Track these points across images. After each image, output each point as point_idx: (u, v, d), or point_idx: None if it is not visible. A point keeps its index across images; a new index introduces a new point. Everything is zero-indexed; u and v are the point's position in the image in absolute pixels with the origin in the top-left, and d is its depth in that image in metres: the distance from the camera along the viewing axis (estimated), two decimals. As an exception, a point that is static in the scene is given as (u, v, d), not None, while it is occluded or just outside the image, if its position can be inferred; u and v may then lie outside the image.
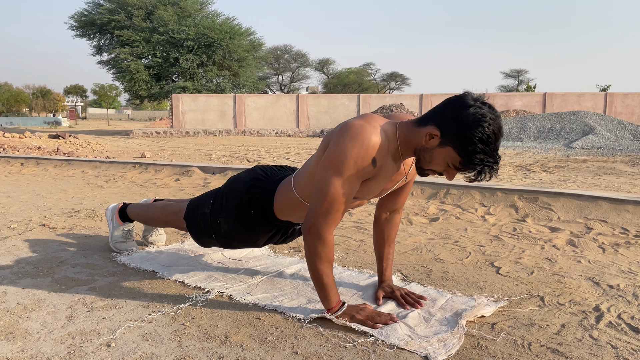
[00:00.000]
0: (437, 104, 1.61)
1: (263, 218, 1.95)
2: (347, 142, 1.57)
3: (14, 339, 1.59)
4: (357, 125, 1.59)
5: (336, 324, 1.67)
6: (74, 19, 27.78)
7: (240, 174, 2.09)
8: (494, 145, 1.49)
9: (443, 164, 1.57)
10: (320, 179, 1.63)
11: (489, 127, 1.47)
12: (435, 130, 1.53)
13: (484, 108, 1.49)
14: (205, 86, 27.58)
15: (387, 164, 1.65)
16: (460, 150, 1.50)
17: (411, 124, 1.62)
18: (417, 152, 1.61)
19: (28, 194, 4.51)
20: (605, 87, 44.24)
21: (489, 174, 1.52)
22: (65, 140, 14.92)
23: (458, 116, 1.50)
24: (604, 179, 6.53)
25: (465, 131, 1.48)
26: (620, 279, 2.18)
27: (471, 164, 1.51)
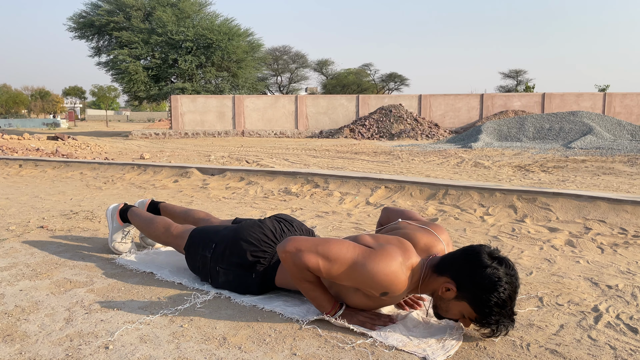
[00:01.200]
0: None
1: (261, 283, 1.96)
2: (379, 264, 1.58)
3: (12, 341, 1.59)
4: (396, 261, 1.59)
5: (335, 326, 1.67)
6: (73, 20, 27.76)
7: (248, 228, 2.04)
8: (509, 308, 1.52)
9: (459, 315, 1.60)
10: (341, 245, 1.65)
11: (505, 291, 1.50)
12: (451, 285, 1.56)
13: (500, 269, 1.51)
14: (204, 87, 27.56)
15: (396, 297, 1.67)
16: (476, 309, 1.53)
17: (432, 269, 1.63)
18: (435, 299, 1.64)
19: (26, 196, 4.50)
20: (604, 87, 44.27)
21: (504, 331, 1.55)
22: (64, 141, 14.91)
23: (474, 276, 1.52)
24: (602, 179, 6.54)
25: (481, 294, 1.50)
26: (619, 279, 2.18)
27: (487, 324, 1.54)
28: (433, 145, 14.93)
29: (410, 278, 1.62)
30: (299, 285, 1.72)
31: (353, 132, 20.64)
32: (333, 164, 9.04)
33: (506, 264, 1.53)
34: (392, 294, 1.62)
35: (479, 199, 3.77)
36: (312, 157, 10.74)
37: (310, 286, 1.71)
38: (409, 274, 1.62)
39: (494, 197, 3.72)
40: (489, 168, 8.09)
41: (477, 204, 3.70)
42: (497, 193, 3.75)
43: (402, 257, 1.62)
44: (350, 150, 12.79)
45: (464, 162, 9.15)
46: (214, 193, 4.70)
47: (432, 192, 4.05)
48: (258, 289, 1.97)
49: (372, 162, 9.44)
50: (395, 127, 20.23)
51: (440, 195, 3.97)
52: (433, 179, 4.95)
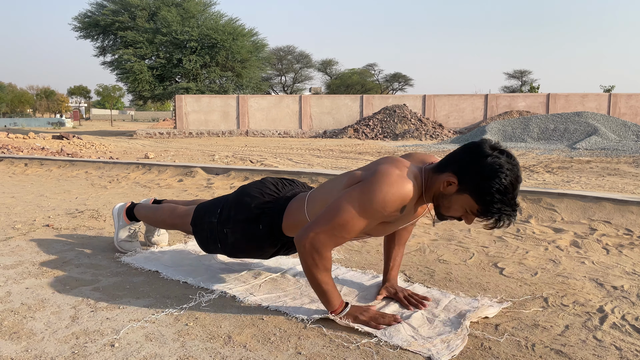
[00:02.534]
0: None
1: (270, 233, 1.95)
2: (383, 187, 1.58)
3: (18, 338, 1.59)
4: (395, 174, 1.60)
5: (339, 325, 1.67)
6: (78, 20, 27.85)
7: (250, 186, 2.08)
8: (511, 195, 1.51)
9: (461, 210, 1.59)
10: (340, 202, 1.64)
11: (506, 177, 1.49)
12: (452, 178, 1.56)
13: (502, 157, 1.50)
14: (209, 87, 27.61)
15: (411, 210, 1.67)
16: (478, 199, 1.52)
17: (431, 170, 1.64)
18: (436, 198, 1.64)
19: (32, 195, 4.53)
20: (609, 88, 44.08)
21: (507, 222, 1.54)
22: (68, 140, 14.96)
23: (475, 165, 1.52)
24: (607, 179, 6.51)
25: (483, 182, 1.50)
26: (625, 280, 2.17)
27: (489, 213, 1.53)
28: (437, 145, 14.91)
29: (414, 183, 1.61)
30: (314, 277, 1.69)
31: (357, 132, 20.63)
32: (337, 164, 9.04)
33: (507, 154, 1.53)
34: (409, 204, 1.62)
35: (483, 199, 3.76)
36: (315, 157, 10.75)
37: (325, 278, 1.69)
38: (412, 178, 1.61)
39: (498, 198, 3.71)
40: (494, 168, 8.05)
41: (482, 205, 3.70)
42: (502, 193, 3.74)
43: (398, 169, 1.62)
44: (354, 151, 12.79)
45: (468, 162, 9.11)
46: (219, 192, 4.71)
47: (436, 192, 4.04)
48: (268, 241, 1.96)
49: (376, 162, 9.42)
50: (399, 128, 20.21)
51: (444, 196, 3.96)
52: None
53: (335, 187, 1.77)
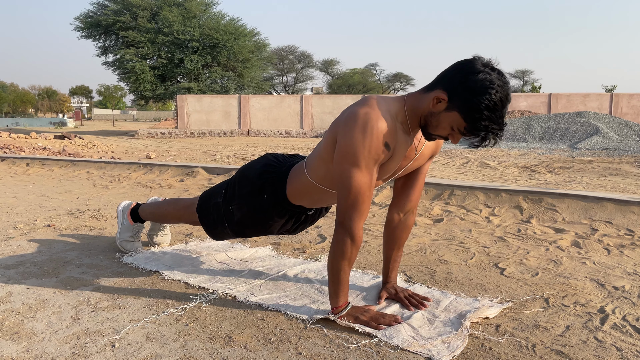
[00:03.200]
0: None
1: (276, 202, 1.95)
2: (356, 134, 1.58)
3: (19, 339, 1.60)
4: (362, 114, 1.59)
5: (340, 325, 1.67)
6: (80, 20, 27.89)
7: (251, 162, 2.10)
8: (500, 113, 1.49)
9: (448, 128, 1.57)
10: (339, 174, 1.65)
11: (496, 94, 1.47)
12: (442, 94, 1.54)
13: (493, 74, 1.48)
14: (210, 87, 27.63)
15: (399, 141, 1.65)
16: (466, 115, 1.51)
17: (418, 92, 1.64)
18: (425, 117, 1.61)
19: (33, 195, 4.53)
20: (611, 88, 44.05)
21: (492, 140, 1.53)
22: (70, 140, 14.98)
23: (466, 81, 1.49)
24: (609, 180, 6.51)
25: (472, 97, 1.48)
26: (626, 281, 2.17)
27: (476, 130, 1.52)
28: (439, 145, 14.87)
29: (390, 117, 1.60)
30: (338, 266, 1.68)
31: (358, 132, 20.61)
32: (338, 163, 9.02)
33: (499, 72, 1.51)
34: (391, 137, 1.60)
35: (484, 199, 3.76)
36: (317, 157, 10.74)
37: (346, 268, 1.69)
38: (385, 114, 1.59)
39: (499, 198, 3.71)
40: (495, 168, 8.06)
41: (483, 205, 3.69)
42: (503, 193, 3.74)
43: (368, 106, 1.61)
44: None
45: (470, 162, 9.12)
46: (220, 192, 4.71)
47: (437, 192, 4.04)
48: (275, 210, 1.96)
49: (378, 162, 9.42)
50: (401, 127, 20.20)
51: (445, 196, 3.96)
52: (438, 179, 4.94)
53: (322, 141, 1.79)
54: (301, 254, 2.60)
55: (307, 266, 2.34)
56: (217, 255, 2.51)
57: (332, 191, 1.86)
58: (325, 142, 1.74)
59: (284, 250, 2.68)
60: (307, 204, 1.97)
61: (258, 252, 2.58)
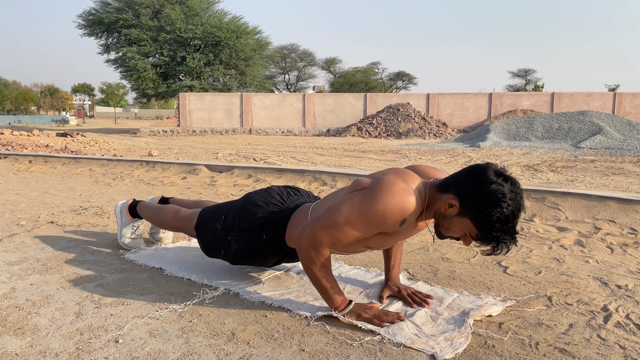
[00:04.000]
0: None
1: (273, 243, 1.97)
2: (385, 197, 1.57)
3: (23, 334, 1.60)
4: (399, 186, 1.59)
5: (343, 322, 1.68)
6: (82, 17, 27.91)
7: (255, 194, 2.08)
8: (512, 224, 1.50)
9: (460, 232, 1.59)
10: (341, 205, 1.65)
11: (508, 207, 1.48)
12: (454, 200, 1.55)
13: (505, 186, 1.49)
14: (212, 85, 27.64)
15: (411, 224, 1.67)
16: (478, 224, 1.52)
17: (435, 188, 1.63)
18: (437, 217, 1.63)
19: (36, 192, 4.54)
20: (614, 87, 43.93)
21: (505, 250, 1.54)
22: (73, 138, 15.00)
23: (478, 191, 1.50)
24: (612, 179, 6.49)
25: (484, 209, 1.49)
26: (629, 279, 2.17)
27: (487, 240, 1.53)
28: (441, 144, 14.88)
29: (417, 197, 1.60)
30: (313, 274, 1.71)
31: (360, 131, 20.61)
32: (340, 162, 9.03)
33: (512, 182, 1.51)
34: (410, 218, 1.60)
35: (487, 198, 3.76)
36: (319, 155, 10.74)
37: (324, 273, 1.70)
38: (416, 193, 1.60)
39: (502, 196, 3.71)
40: (497, 167, 8.04)
41: (486, 203, 3.69)
42: (506, 192, 3.73)
43: (404, 181, 1.61)
44: (358, 149, 12.78)
45: (472, 161, 9.11)
46: (222, 190, 4.71)
47: (440, 190, 4.04)
48: (270, 251, 1.97)
49: (380, 160, 9.43)
50: (403, 126, 20.18)
51: (448, 194, 3.95)
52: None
53: (339, 195, 1.78)
54: (304, 252, 2.59)
55: (310, 263, 2.33)
56: (219, 253, 2.50)
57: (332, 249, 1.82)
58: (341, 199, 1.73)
59: (287, 247, 2.68)
60: None
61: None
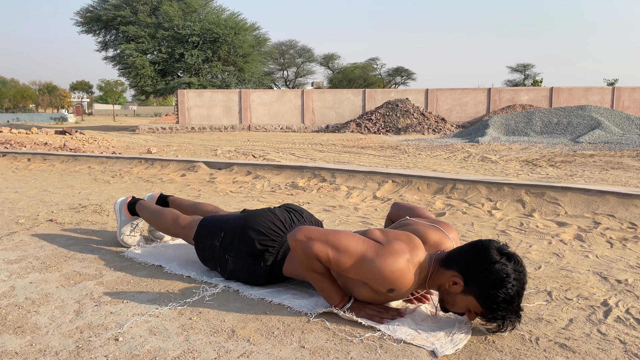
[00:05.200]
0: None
1: (270, 272, 1.98)
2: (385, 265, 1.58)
3: (23, 333, 1.60)
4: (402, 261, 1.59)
5: (343, 319, 1.68)
6: (80, 14, 27.84)
7: (257, 218, 2.05)
8: (517, 304, 1.52)
9: (465, 309, 1.60)
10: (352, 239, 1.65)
11: (513, 287, 1.49)
12: (458, 279, 1.56)
13: (509, 265, 1.51)
14: (211, 82, 27.58)
15: (404, 294, 1.67)
16: (483, 304, 1.53)
17: (439, 263, 1.63)
18: (441, 293, 1.64)
19: (35, 190, 4.53)
20: (613, 81, 43.88)
21: (510, 327, 1.55)
22: (71, 136, 14.98)
23: (482, 271, 1.52)
24: (611, 173, 6.50)
25: (489, 289, 1.50)
26: (629, 274, 2.17)
27: (492, 319, 1.54)
28: (440, 139, 14.87)
29: (417, 275, 1.62)
30: (308, 275, 1.73)
31: (359, 127, 20.60)
32: (340, 158, 9.03)
33: (515, 260, 1.53)
34: (399, 290, 1.62)
35: (486, 193, 3.76)
36: (318, 151, 10.74)
37: (319, 277, 1.71)
38: (416, 271, 1.62)
39: (502, 192, 3.71)
40: (497, 163, 8.05)
41: (485, 198, 3.69)
42: (505, 187, 3.73)
43: (410, 254, 1.62)
44: (357, 145, 12.77)
45: (471, 156, 9.11)
46: (221, 187, 4.71)
47: (439, 186, 4.04)
48: (266, 279, 1.98)
49: (379, 156, 9.42)
50: (402, 122, 20.16)
51: (447, 190, 3.95)
52: (440, 173, 4.93)
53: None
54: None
55: (310, 260, 2.33)
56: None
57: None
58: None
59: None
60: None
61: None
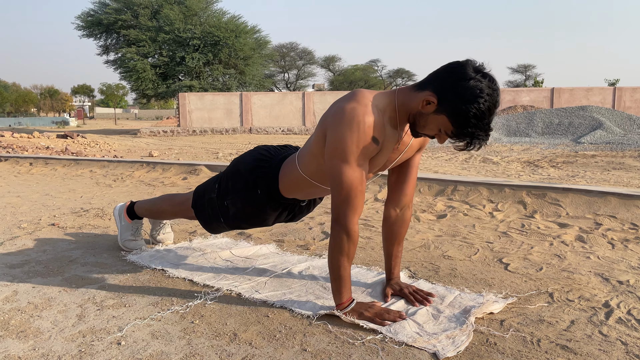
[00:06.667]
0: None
1: (269, 197, 1.97)
2: (343, 130, 1.60)
3: (26, 337, 1.61)
4: (349, 110, 1.61)
5: (344, 322, 1.68)
6: (81, 18, 27.88)
7: (243, 155, 2.11)
8: (487, 120, 1.52)
9: (436, 129, 1.60)
10: (330, 170, 1.66)
11: (485, 102, 1.49)
12: (432, 97, 1.55)
13: (484, 82, 1.50)
14: (212, 85, 27.62)
15: (387, 135, 1.67)
16: (454, 121, 1.53)
17: (409, 89, 1.64)
18: (413, 116, 1.63)
19: (37, 194, 4.55)
20: (614, 82, 43.86)
21: (477, 145, 1.56)
22: (73, 139, 15.01)
23: (456, 87, 1.51)
24: (612, 174, 6.49)
25: (461, 104, 1.50)
26: (630, 275, 2.17)
27: (462, 135, 1.55)
28: (441, 141, 14.85)
29: (377, 111, 1.61)
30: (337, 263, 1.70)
31: (360, 129, 20.60)
32: (341, 160, 9.02)
33: (489, 78, 1.52)
34: (378, 131, 1.61)
35: (488, 194, 3.76)
36: (319, 153, 10.73)
37: (346, 263, 1.69)
38: (372, 108, 1.61)
39: (503, 193, 3.71)
40: (498, 164, 8.05)
41: (486, 200, 3.69)
42: (507, 189, 3.73)
43: (355, 101, 1.62)
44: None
45: (472, 157, 9.11)
46: (223, 190, 4.71)
47: (440, 188, 4.04)
48: (268, 203, 1.98)
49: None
50: (403, 123, 20.18)
51: (448, 191, 3.96)
52: (441, 174, 4.94)
53: (313, 135, 1.80)
54: (305, 251, 2.60)
55: (312, 263, 2.34)
56: (221, 253, 2.51)
57: (323, 186, 1.89)
58: (316, 137, 1.76)
59: (288, 247, 2.69)
60: (300, 196, 2.00)
61: (262, 250, 2.58)
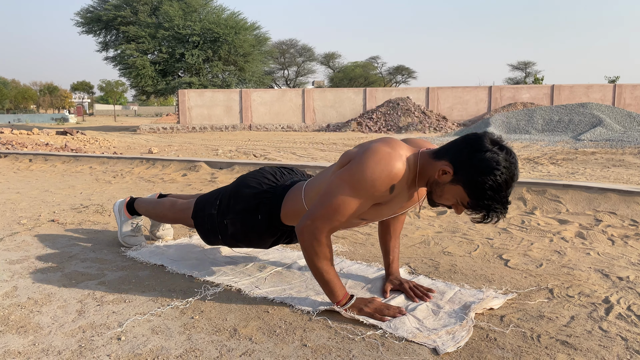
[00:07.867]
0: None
1: (269, 223, 1.97)
2: (371, 164, 1.58)
3: (25, 332, 1.61)
4: (384, 151, 1.60)
5: (344, 317, 1.68)
6: (80, 15, 27.83)
7: (248, 176, 2.09)
8: (504, 194, 1.49)
9: (452, 200, 1.59)
10: (331, 187, 1.65)
11: (502, 175, 1.47)
12: (448, 167, 1.54)
13: (500, 154, 1.48)
14: (211, 81, 27.58)
15: (403, 191, 1.66)
16: (470, 192, 1.51)
17: (429, 155, 1.63)
18: (430, 185, 1.63)
19: (37, 190, 4.54)
20: (614, 79, 43.83)
21: (495, 218, 1.54)
22: (72, 136, 14.99)
23: (472, 158, 1.50)
24: (612, 171, 6.49)
25: (477, 176, 1.48)
26: (630, 271, 2.17)
27: (478, 207, 1.52)
28: (441, 138, 14.87)
29: (406, 165, 1.60)
30: (315, 267, 1.71)
31: (360, 126, 20.60)
32: (341, 157, 9.02)
33: (507, 151, 1.51)
34: (399, 184, 1.60)
35: (487, 191, 3.75)
36: (319, 150, 10.74)
37: (326, 267, 1.70)
38: (404, 160, 1.60)
39: (503, 190, 3.70)
40: (498, 160, 8.04)
41: (486, 197, 3.69)
42: (506, 185, 3.72)
43: (390, 147, 1.61)
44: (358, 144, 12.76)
45: (472, 154, 9.09)
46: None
47: (440, 184, 4.04)
48: (267, 229, 1.97)
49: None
50: (403, 120, 20.16)
51: (448, 188, 3.95)
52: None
53: (328, 171, 1.79)
54: (305, 247, 2.60)
55: (311, 259, 2.34)
56: (221, 249, 2.51)
57: None
58: (331, 175, 1.74)
59: (288, 243, 2.69)
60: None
61: (262, 246, 2.58)
